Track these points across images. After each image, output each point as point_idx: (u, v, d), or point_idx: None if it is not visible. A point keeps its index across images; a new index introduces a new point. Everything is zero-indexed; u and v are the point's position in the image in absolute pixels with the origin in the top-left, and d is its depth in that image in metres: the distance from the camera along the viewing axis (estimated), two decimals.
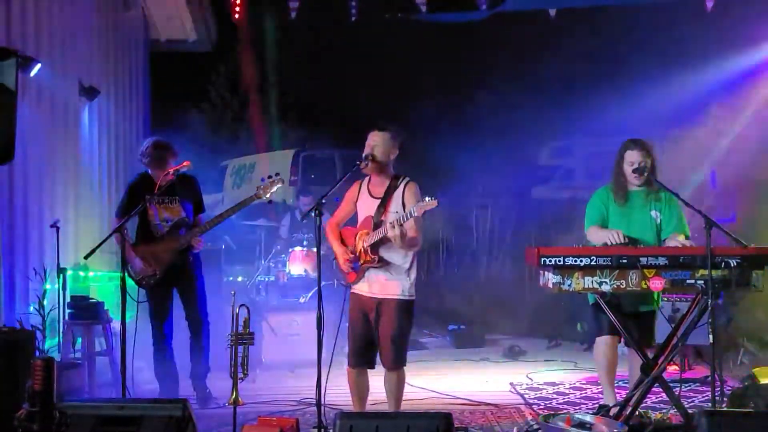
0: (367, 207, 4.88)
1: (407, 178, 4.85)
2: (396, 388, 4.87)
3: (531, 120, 11.40)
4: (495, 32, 11.43)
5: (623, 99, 10.32)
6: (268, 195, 5.70)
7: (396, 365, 4.80)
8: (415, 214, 4.50)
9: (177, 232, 5.75)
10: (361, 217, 4.91)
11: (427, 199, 4.44)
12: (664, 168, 5.25)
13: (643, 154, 5.09)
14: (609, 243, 4.86)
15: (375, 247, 4.74)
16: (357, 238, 4.86)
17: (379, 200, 4.82)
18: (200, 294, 5.86)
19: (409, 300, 4.81)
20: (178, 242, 5.71)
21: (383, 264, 4.75)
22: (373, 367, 4.92)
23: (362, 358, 4.87)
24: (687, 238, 5.03)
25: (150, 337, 5.81)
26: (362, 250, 4.78)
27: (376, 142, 4.82)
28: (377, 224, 4.75)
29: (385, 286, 4.78)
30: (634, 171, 5.07)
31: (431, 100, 13.26)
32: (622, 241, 4.87)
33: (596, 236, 5.04)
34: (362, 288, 4.85)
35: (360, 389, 4.93)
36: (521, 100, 11.54)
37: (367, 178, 4.92)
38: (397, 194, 4.81)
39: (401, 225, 4.55)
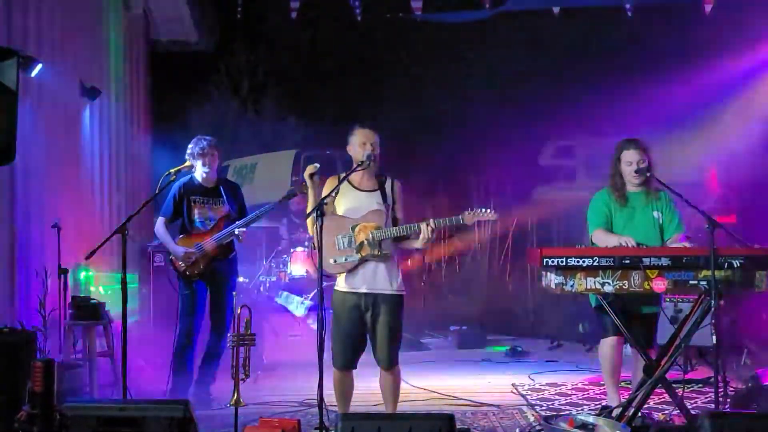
0: (361, 200, 4.83)
1: (390, 176, 4.93)
2: (395, 387, 4.87)
3: (533, 120, 11.38)
4: (497, 32, 11.42)
5: (625, 99, 10.31)
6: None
7: (396, 364, 4.81)
8: (467, 222, 4.65)
9: (222, 227, 5.87)
10: (353, 211, 4.81)
11: (487, 210, 4.65)
12: (665, 168, 5.24)
13: (641, 153, 5.08)
14: None
15: (383, 242, 4.73)
16: (357, 230, 4.75)
17: (378, 193, 4.84)
18: (231, 298, 5.87)
19: (402, 294, 4.82)
20: (221, 233, 5.82)
21: (384, 258, 4.74)
22: (356, 367, 4.88)
23: (353, 358, 4.83)
24: (687, 238, 5.02)
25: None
26: (367, 242, 4.70)
27: (373, 140, 4.85)
28: (393, 220, 4.80)
29: (380, 279, 4.75)
30: (634, 171, 5.05)
31: (433, 99, 13.25)
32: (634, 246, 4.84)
33: (605, 240, 5.01)
34: (354, 284, 4.77)
35: (349, 391, 4.89)
36: (523, 99, 11.52)
37: (342, 174, 4.87)
38: (387, 189, 4.86)
39: (434, 230, 4.63)
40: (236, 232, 5.81)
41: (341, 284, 4.80)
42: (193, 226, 5.89)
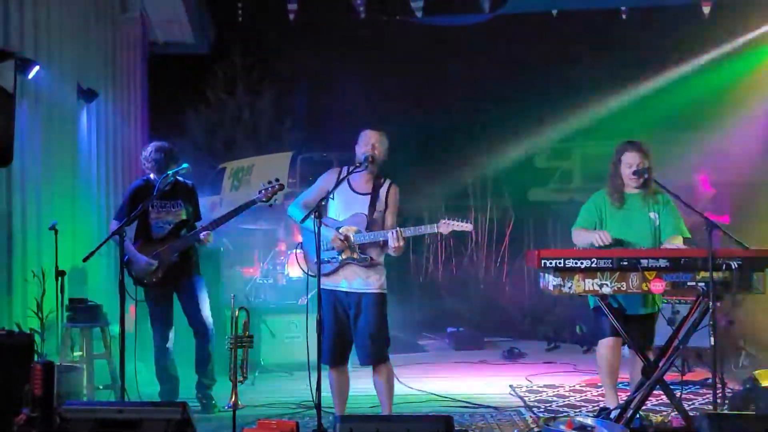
0: (352, 203, 4.85)
1: (389, 180, 4.91)
2: (389, 382, 4.88)
3: (528, 122, 11.42)
4: (495, 34, 11.44)
5: (621, 101, 10.35)
6: (271, 200, 5.69)
7: (385, 358, 4.83)
8: (442, 231, 4.65)
9: (178, 233, 5.75)
10: (343, 212, 4.85)
11: (463, 221, 4.64)
12: (660, 169, 5.25)
13: (642, 156, 5.09)
14: (595, 245, 4.84)
15: (365, 245, 4.77)
16: (340, 232, 4.81)
17: (368, 198, 4.84)
18: (202, 297, 5.84)
19: (385, 293, 4.86)
20: (181, 241, 5.70)
21: (367, 261, 4.77)
22: (347, 361, 4.93)
23: (342, 355, 4.88)
24: (686, 239, 5.02)
25: (144, 340, 5.79)
26: (348, 246, 4.76)
27: (375, 140, 4.83)
28: (371, 223, 4.78)
29: (365, 280, 4.80)
30: (633, 173, 5.06)
31: (431, 102, 13.26)
32: (610, 242, 4.85)
33: (580, 238, 5.05)
34: (339, 283, 4.82)
35: (343, 389, 4.94)
36: (519, 101, 11.55)
37: (345, 169, 4.88)
38: (382, 193, 4.85)
39: (404, 238, 4.65)
40: (200, 237, 5.65)
41: (325, 283, 4.80)
42: (151, 230, 5.73)
